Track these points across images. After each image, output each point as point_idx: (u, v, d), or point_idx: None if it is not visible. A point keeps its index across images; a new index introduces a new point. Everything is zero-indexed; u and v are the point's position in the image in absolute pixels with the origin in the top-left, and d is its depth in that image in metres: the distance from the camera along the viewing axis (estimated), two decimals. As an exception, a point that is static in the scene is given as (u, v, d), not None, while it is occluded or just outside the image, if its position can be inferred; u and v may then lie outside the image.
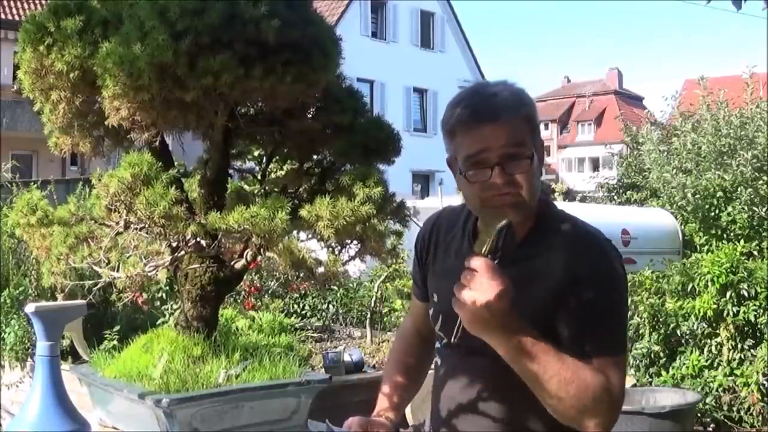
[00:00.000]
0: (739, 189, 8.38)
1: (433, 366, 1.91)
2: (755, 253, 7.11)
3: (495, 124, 1.61)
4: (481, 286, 1.46)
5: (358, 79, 20.68)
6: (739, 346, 5.34)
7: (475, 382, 1.71)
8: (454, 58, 29.45)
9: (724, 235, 8.21)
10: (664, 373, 5.48)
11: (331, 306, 7.35)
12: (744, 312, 5.29)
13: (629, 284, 5.66)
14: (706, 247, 7.95)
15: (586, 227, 1.73)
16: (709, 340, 5.43)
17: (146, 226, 3.11)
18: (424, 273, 1.89)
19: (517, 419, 1.67)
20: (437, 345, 1.84)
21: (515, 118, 1.62)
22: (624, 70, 67.42)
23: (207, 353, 3.39)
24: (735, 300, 5.34)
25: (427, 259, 1.88)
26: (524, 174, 1.61)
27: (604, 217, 8.78)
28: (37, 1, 21.68)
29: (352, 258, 3.53)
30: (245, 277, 5.13)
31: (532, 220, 1.71)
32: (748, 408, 5.19)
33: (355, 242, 3.45)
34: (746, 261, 5.69)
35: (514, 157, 1.61)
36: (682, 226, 8.82)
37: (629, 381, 5.33)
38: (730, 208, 8.29)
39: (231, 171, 3.82)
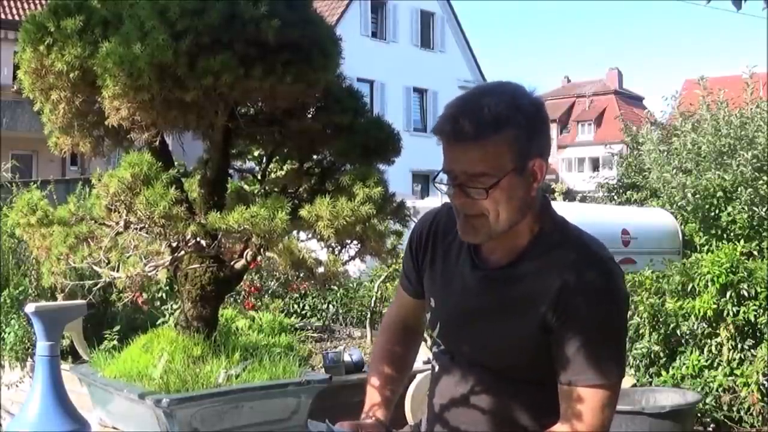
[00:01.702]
0: (739, 189, 8.37)
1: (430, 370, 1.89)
2: (755, 253, 7.11)
3: (459, 145, 1.55)
4: None
5: (358, 79, 20.68)
6: (739, 346, 5.34)
7: (469, 381, 1.70)
8: (454, 58, 29.45)
9: (724, 235, 8.20)
10: (664, 373, 5.48)
11: (331, 306, 7.35)
12: (744, 312, 5.29)
13: (629, 284, 5.68)
14: (706, 247, 7.94)
15: (587, 243, 1.66)
16: (709, 340, 5.43)
17: (146, 226, 3.11)
18: (419, 272, 1.84)
19: (506, 413, 1.66)
20: (434, 350, 1.82)
21: (485, 142, 1.53)
22: (624, 70, 67.38)
23: (207, 353, 3.39)
24: (735, 300, 5.34)
25: (424, 258, 1.82)
26: (486, 201, 1.55)
27: (604, 217, 8.78)
28: (37, 1, 21.68)
29: (352, 258, 3.53)
30: (245, 277, 5.13)
31: (530, 234, 1.65)
32: (748, 408, 5.18)
33: (355, 242, 3.45)
34: (746, 261, 5.69)
35: (471, 181, 1.55)
36: (682, 226, 8.81)
37: (629, 381, 5.33)
38: (730, 208, 8.28)
39: (231, 171, 3.82)
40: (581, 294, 1.57)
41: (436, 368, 1.81)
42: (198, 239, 3.24)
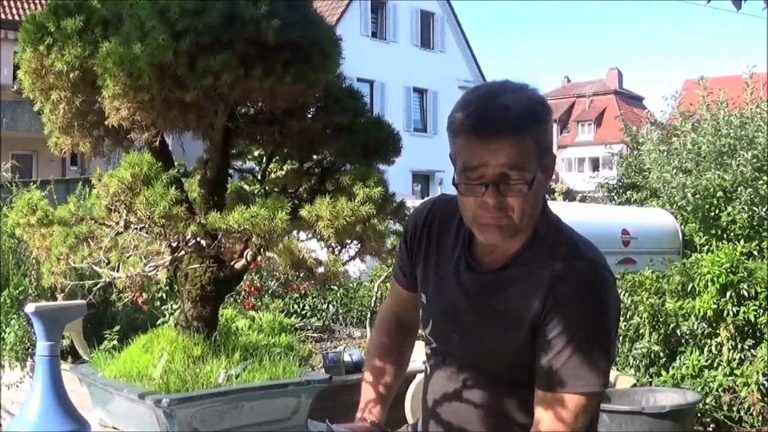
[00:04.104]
0: (739, 189, 8.37)
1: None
2: (755, 253, 7.11)
3: (497, 141, 1.51)
4: None
5: (358, 79, 20.66)
6: (739, 346, 5.33)
7: (461, 381, 1.69)
8: (454, 58, 29.44)
9: (724, 235, 8.20)
10: (664, 373, 5.48)
11: (331, 306, 7.35)
12: (744, 312, 5.29)
13: (629, 284, 5.66)
14: (706, 247, 7.94)
15: (579, 247, 1.63)
16: (709, 340, 5.43)
17: (146, 226, 3.11)
18: (413, 264, 1.82)
19: (499, 414, 1.65)
20: (426, 350, 1.81)
21: (521, 138, 1.52)
22: (624, 70, 67.31)
23: (207, 353, 3.39)
24: (735, 300, 5.34)
25: (418, 250, 1.79)
26: (518, 198, 1.53)
27: (604, 217, 8.78)
28: (37, 1, 21.68)
29: (352, 258, 3.53)
30: (245, 277, 5.13)
31: (526, 236, 1.63)
32: (748, 408, 5.18)
33: (355, 242, 3.45)
34: (746, 261, 5.68)
35: (510, 178, 1.52)
36: (682, 226, 8.81)
37: (629, 381, 5.33)
38: (730, 208, 8.28)
39: (231, 171, 3.83)
40: (570, 297, 1.55)
41: (429, 368, 1.80)
42: (198, 239, 3.24)
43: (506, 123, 1.51)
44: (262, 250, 3.30)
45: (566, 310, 1.55)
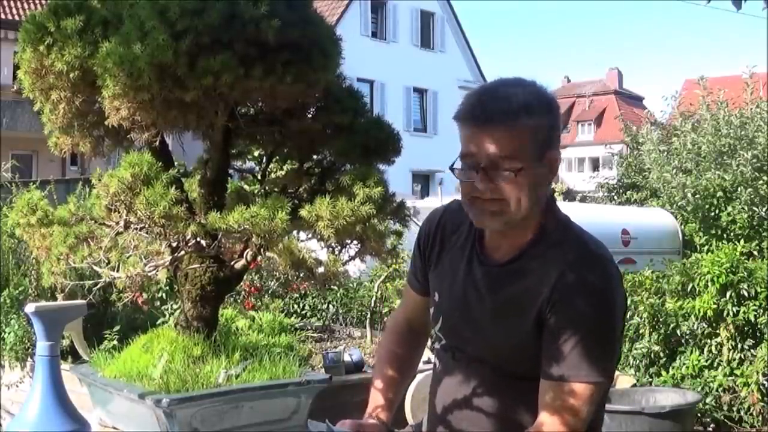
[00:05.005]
0: (739, 189, 8.38)
1: (431, 367, 1.89)
2: (755, 253, 7.11)
3: (487, 128, 1.57)
4: None
5: (358, 79, 20.64)
6: (739, 346, 5.33)
7: (471, 379, 1.71)
8: (454, 58, 29.42)
9: (724, 235, 8.21)
10: (664, 373, 5.48)
11: (331, 306, 7.35)
12: (744, 312, 5.29)
13: (629, 284, 5.65)
14: (706, 247, 7.95)
15: (587, 242, 1.66)
16: (709, 340, 5.43)
17: (146, 226, 3.11)
18: (426, 268, 1.86)
19: (510, 415, 1.67)
20: (436, 346, 1.83)
21: (513, 127, 1.56)
22: (624, 70, 67.25)
23: (207, 353, 3.39)
24: (735, 300, 5.34)
25: (431, 255, 1.84)
26: (510, 185, 1.57)
27: (604, 217, 8.79)
28: (37, 1, 21.68)
29: (352, 258, 3.53)
30: (245, 277, 5.13)
31: (533, 231, 1.66)
32: (748, 408, 5.18)
33: (355, 242, 3.45)
34: (746, 261, 5.68)
35: (499, 165, 1.57)
36: (682, 226, 8.82)
37: (629, 381, 5.33)
38: (730, 208, 8.29)
39: (231, 171, 3.83)
40: (577, 291, 1.58)
41: (438, 366, 1.82)
42: (198, 239, 3.24)
43: (500, 112, 1.57)
44: (262, 250, 3.30)
45: (572, 305, 1.57)
